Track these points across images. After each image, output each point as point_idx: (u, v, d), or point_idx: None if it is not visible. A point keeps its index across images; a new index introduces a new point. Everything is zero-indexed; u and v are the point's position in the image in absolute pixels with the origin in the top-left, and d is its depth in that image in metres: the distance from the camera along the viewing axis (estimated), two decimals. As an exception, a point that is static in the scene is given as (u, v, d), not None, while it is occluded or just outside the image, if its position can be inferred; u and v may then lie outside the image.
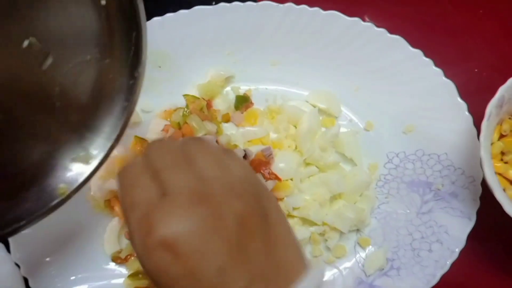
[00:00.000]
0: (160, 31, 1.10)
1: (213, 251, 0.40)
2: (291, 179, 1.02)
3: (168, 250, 0.41)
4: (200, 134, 0.98)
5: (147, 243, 0.42)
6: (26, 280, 1.00)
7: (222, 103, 1.11)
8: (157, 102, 1.13)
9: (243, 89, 1.13)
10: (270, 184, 0.98)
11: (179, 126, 1.04)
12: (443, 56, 1.07)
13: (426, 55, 1.05)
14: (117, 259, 1.03)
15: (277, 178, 1.00)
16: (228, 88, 1.14)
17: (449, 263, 0.97)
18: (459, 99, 1.03)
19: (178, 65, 1.13)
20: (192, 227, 0.41)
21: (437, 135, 1.05)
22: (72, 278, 1.01)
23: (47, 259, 1.01)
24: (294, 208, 1.01)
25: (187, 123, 1.01)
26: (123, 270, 1.04)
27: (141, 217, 0.44)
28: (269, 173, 1.00)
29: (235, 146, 1.03)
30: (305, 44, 1.11)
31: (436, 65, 1.05)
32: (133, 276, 1.01)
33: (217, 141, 0.99)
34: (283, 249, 0.47)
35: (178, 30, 1.10)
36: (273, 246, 0.45)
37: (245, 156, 0.98)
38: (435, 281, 0.96)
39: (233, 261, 0.41)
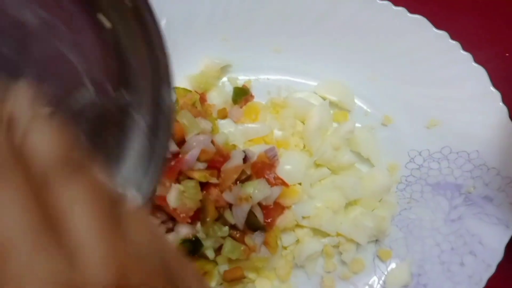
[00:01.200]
0: (144, 14, 0.96)
1: None
2: (300, 184, 0.89)
3: None
4: (192, 133, 0.84)
5: None
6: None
7: (218, 97, 0.96)
8: (143, 97, 0.99)
9: (241, 80, 0.98)
10: (276, 190, 0.84)
11: (168, 124, 0.89)
12: (472, 38, 0.93)
13: (453, 37, 0.92)
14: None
15: (283, 183, 0.86)
16: (224, 79, 1.00)
17: (485, 278, 0.84)
18: (491, 88, 0.90)
19: (166, 53, 0.99)
20: None
21: (466, 130, 0.91)
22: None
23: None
24: (303, 217, 0.88)
25: (177, 120, 0.86)
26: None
27: None
28: (274, 178, 0.86)
29: (234, 146, 0.89)
30: (313, 27, 0.96)
31: (464, 48, 0.91)
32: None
33: (212, 141, 0.84)
34: None
35: (165, 12, 0.95)
36: None
37: (245, 159, 0.83)
38: (469, 300, 0.84)
39: None
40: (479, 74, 0.91)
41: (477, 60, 0.91)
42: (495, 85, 0.91)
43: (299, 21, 0.96)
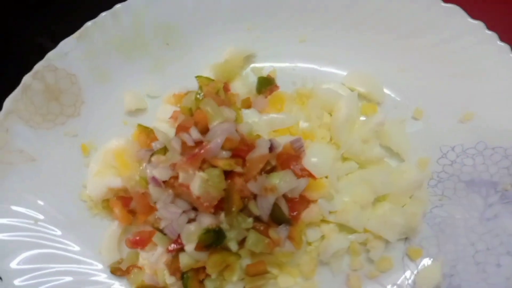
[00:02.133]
0: (167, 1, 0.94)
1: None
2: (326, 177, 0.85)
3: None
4: (216, 121, 0.81)
5: None
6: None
7: (242, 86, 0.94)
8: (165, 86, 0.97)
9: (266, 70, 0.96)
10: (302, 182, 0.80)
11: (190, 112, 0.86)
12: (510, 28, 0.89)
13: (489, 27, 0.88)
14: (117, 270, 0.87)
15: (310, 175, 0.82)
16: (248, 70, 0.98)
17: (523, 281, 0.79)
18: (531, 81, 0.85)
19: (189, 42, 0.97)
20: None
21: (503, 124, 0.87)
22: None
23: (29, 266, 0.85)
24: (330, 212, 0.84)
25: (200, 108, 0.83)
26: (124, 284, 0.87)
27: None
28: (300, 170, 0.82)
29: (258, 136, 0.86)
30: (340, 16, 0.93)
31: (502, 39, 0.87)
32: (136, 291, 0.85)
33: (236, 130, 0.81)
34: None
35: (189, 0, 0.94)
36: None
37: (271, 148, 0.80)
38: (506, 303, 0.78)
39: None
40: (517, 66, 0.86)
41: (515, 51, 0.87)
42: (535, 78, 0.86)
43: (325, 10, 0.93)
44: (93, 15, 0.94)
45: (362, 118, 0.92)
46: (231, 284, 0.80)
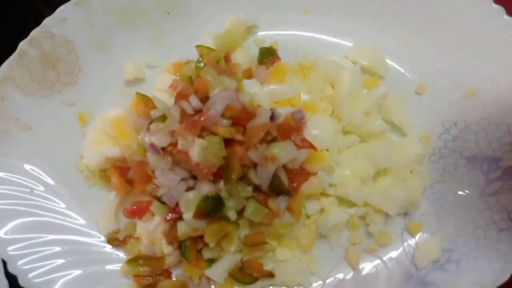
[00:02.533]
0: (169, -32, 0.92)
1: None
2: (327, 150, 0.84)
3: None
4: (216, 90, 0.79)
5: None
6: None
7: (243, 57, 0.92)
8: (165, 56, 0.95)
9: (268, 39, 0.94)
10: (303, 153, 0.79)
11: (190, 81, 0.85)
12: (517, 3, 0.87)
13: (496, 1, 0.86)
14: (114, 240, 0.86)
15: (311, 146, 0.81)
16: (250, 42, 0.96)
17: (523, 256, 0.78)
18: (537, 56, 0.84)
19: (190, 11, 0.95)
20: None
21: (506, 101, 0.85)
22: (60, 262, 0.84)
23: (28, 235, 0.84)
24: (330, 185, 0.83)
25: (200, 76, 0.81)
26: (121, 254, 0.87)
27: None
28: (301, 140, 0.81)
29: (259, 106, 0.84)
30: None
31: (509, 13, 0.86)
32: (132, 261, 0.84)
33: (237, 100, 0.80)
34: None
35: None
36: None
37: (272, 117, 0.79)
38: (505, 277, 0.78)
39: None
40: (524, 41, 0.85)
41: (522, 26, 0.85)
42: (541, 54, 0.84)
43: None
44: (91, -19, 0.92)
45: (365, 92, 0.91)
46: (229, 255, 0.79)
